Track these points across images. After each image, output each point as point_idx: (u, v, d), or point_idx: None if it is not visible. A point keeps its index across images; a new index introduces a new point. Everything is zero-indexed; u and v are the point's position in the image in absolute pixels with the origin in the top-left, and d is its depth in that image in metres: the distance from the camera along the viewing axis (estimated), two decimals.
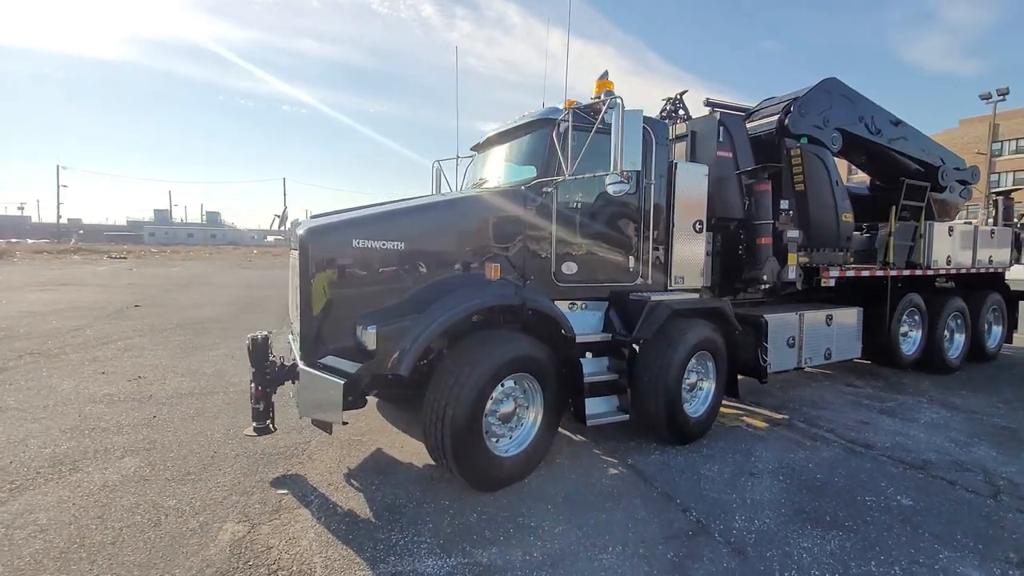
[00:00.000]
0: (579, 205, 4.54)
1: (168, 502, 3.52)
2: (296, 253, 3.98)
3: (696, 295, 5.01)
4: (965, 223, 8.07)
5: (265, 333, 4.15)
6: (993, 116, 28.90)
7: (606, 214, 4.66)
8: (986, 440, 4.96)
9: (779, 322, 5.51)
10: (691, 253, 5.12)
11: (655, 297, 4.56)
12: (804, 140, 6.10)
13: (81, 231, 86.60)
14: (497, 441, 3.84)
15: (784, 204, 5.52)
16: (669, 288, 5.01)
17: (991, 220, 8.37)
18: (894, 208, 6.68)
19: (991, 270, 7.85)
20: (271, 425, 4.19)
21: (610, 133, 3.87)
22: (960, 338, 7.51)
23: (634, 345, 4.59)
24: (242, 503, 3.53)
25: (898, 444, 4.83)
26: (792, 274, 5.42)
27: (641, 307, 4.50)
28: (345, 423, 3.53)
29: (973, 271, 7.54)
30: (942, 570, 2.94)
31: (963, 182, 7.75)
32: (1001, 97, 27.67)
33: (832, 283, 6.10)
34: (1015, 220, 8.54)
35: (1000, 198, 8.47)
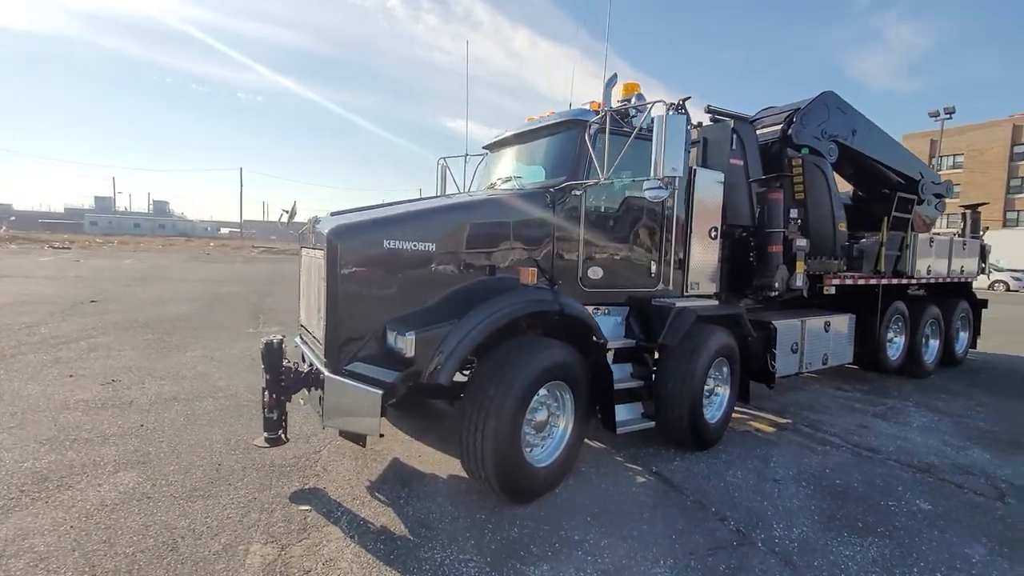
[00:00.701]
0: (605, 209, 4.49)
1: (180, 522, 3.23)
2: (318, 252, 3.74)
3: (714, 301, 5.03)
4: (935, 234, 8.48)
5: (280, 337, 3.88)
6: (941, 133, 30.89)
7: (630, 219, 4.62)
8: (977, 443, 5.21)
9: (785, 328, 5.64)
10: (706, 259, 5.15)
11: (680, 303, 4.55)
12: (805, 151, 6.26)
13: (12, 218, 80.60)
14: (531, 451, 3.72)
15: (793, 213, 5.64)
16: (685, 294, 5.02)
17: (959, 232, 8.88)
18: (886, 219, 6.97)
19: (962, 279, 8.33)
20: (283, 435, 3.92)
21: (642, 137, 3.85)
22: (935, 344, 7.93)
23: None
24: (264, 521, 3.28)
25: (900, 448, 5.01)
26: (799, 281, 5.54)
27: (665, 313, 4.48)
28: (381, 435, 3.33)
29: (949, 280, 7.98)
30: (980, 575, 3.04)
31: (938, 196, 8.17)
32: (948, 116, 29.67)
33: (833, 290, 6.30)
34: (981, 233, 9.08)
35: (968, 212, 9.01)
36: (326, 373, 3.46)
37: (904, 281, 7.22)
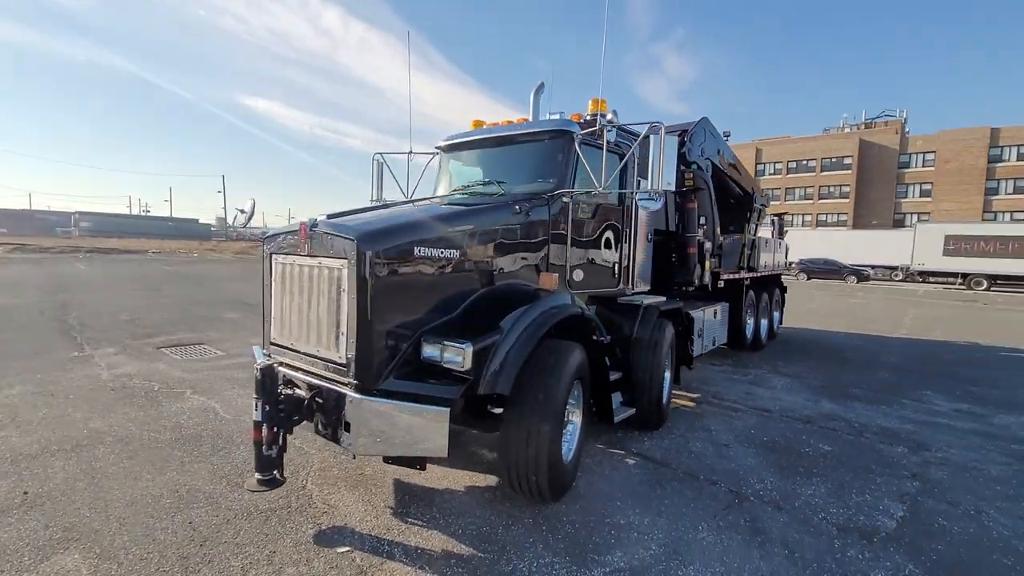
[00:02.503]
0: (583, 216, 4.79)
1: None
2: (330, 261, 3.32)
3: (662, 297, 5.70)
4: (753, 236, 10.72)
5: (273, 361, 3.33)
6: None
7: (601, 225, 5.00)
8: (823, 396, 6.89)
9: (696, 317, 6.66)
10: (645, 260, 5.82)
11: (645, 300, 5.10)
12: (695, 166, 7.42)
13: None
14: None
15: (702, 220, 6.67)
16: (634, 292, 5.61)
17: (772, 234, 11.42)
18: (748, 225, 8.65)
19: (777, 271, 10.74)
20: (279, 475, 3.38)
21: (603, 150, 4.29)
22: (765, 323, 10.08)
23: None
24: (308, 575, 2.83)
25: (782, 407, 6.37)
26: (707, 278, 6.61)
27: (634, 310, 5.00)
28: (447, 456, 3.12)
29: (773, 273, 10.22)
30: (887, 492, 4.15)
31: (763, 206, 10.38)
32: (726, 137, 37.20)
33: (722, 284, 7.61)
34: (784, 234, 11.80)
35: (776, 218, 11.64)
36: (359, 396, 3.12)
37: (755, 274, 9.07)
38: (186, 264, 29.79)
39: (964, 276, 30.50)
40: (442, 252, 3.52)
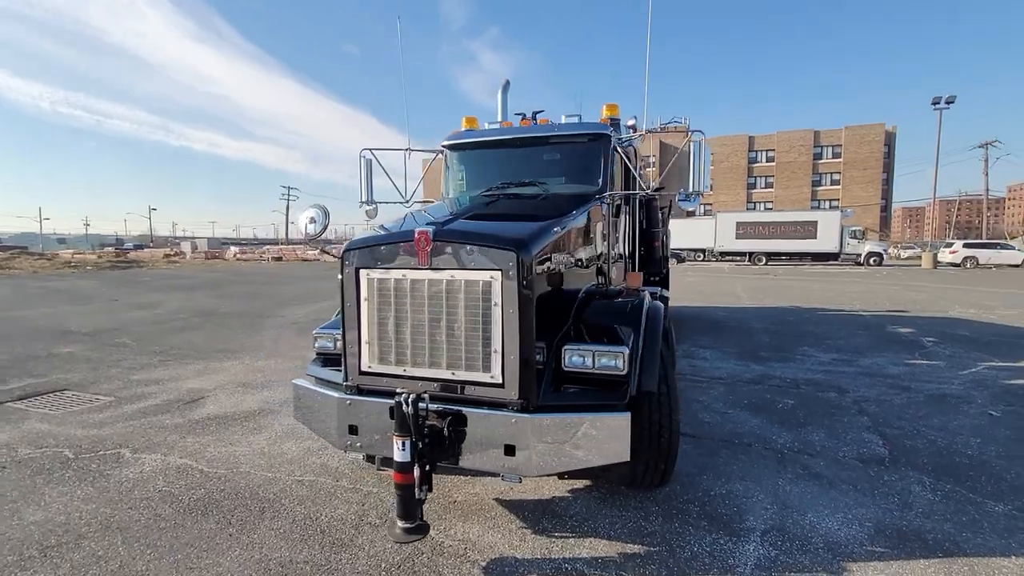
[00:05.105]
0: (614, 216, 5.06)
1: None
2: (467, 274, 3.06)
3: (658, 288, 6.26)
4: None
5: (421, 392, 2.95)
6: None
7: (622, 224, 5.33)
8: (749, 361, 8.25)
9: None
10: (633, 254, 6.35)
11: (659, 292, 5.58)
12: None
13: None
14: None
15: (660, 216, 7.43)
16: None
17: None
18: (663, 217, 9.79)
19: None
20: (421, 518, 3.02)
21: (649, 156, 4.69)
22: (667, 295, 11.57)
23: None
24: None
25: (730, 373, 7.49)
26: (665, 267, 7.42)
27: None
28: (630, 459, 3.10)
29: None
30: (859, 427, 5.30)
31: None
32: None
33: (665, 270, 8.55)
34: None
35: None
36: (527, 416, 2.98)
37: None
38: None
39: (750, 255, 38.38)
40: (561, 255, 3.49)
